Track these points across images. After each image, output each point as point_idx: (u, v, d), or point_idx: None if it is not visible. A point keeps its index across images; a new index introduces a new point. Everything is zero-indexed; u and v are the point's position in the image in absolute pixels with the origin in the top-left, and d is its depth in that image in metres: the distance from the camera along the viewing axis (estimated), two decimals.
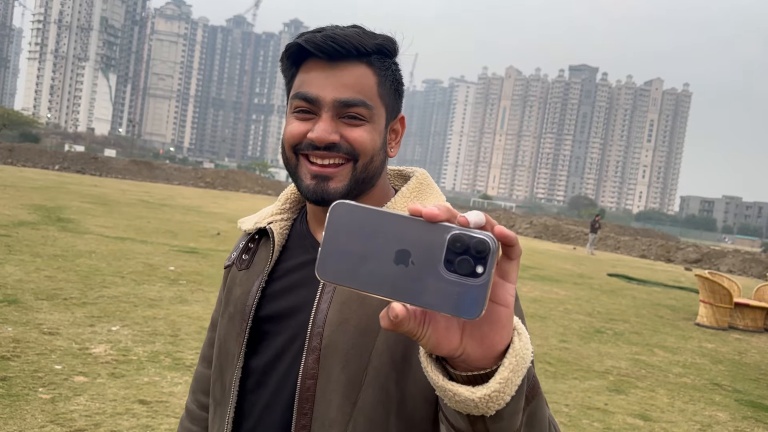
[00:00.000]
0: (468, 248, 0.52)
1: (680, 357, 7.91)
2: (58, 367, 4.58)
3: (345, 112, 0.96)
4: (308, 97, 0.96)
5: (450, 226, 0.53)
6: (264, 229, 1.11)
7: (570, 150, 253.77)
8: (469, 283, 0.52)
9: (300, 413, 0.96)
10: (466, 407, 0.62)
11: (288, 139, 0.99)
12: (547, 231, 40.42)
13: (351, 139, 0.96)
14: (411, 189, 1.07)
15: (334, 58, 0.95)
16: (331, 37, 0.93)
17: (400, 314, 0.54)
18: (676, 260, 30.97)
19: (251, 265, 1.10)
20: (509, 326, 0.60)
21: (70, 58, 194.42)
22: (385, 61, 1.00)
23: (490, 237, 0.52)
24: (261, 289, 1.05)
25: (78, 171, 43.36)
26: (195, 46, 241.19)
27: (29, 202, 16.33)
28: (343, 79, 0.95)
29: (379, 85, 0.98)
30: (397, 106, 1.04)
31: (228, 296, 1.12)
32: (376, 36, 0.98)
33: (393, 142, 1.06)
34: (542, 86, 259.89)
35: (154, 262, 9.76)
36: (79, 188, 25.58)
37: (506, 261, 0.57)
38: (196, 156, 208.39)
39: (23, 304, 6.13)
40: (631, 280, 17.74)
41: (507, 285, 0.58)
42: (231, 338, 1.08)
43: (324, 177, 0.97)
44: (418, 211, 0.54)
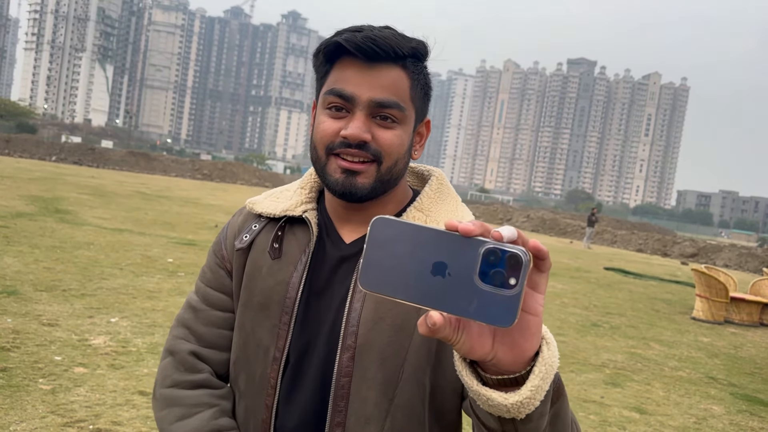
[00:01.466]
0: (502, 261, 0.56)
1: (676, 351, 7.96)
2: (58, 358, 4.60)
3: (379, 112, 0.98)
4: (344, 94, 0.97)
5: (484, 241, 0.57)
6: (293, 217, 1.10)
7: (568, 144, 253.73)
8: (502, 293, 0.56)
9: (335, 410, 0.98)
10: (499, 411, 0.67)
11: (321, 137, 1.00)
12: (544, 225, 40.48)
13: (381, 140, 0.98)
14: (434, 190, 1.10)
15: (371, 59, 0.96)
16: (371, 38, 0.94)
17: (438, 322, 0.58)
18: (673, 254, 31.05)
19: (282, 254, 1.07)
20: (538, 334, 0.64)
21: (66, 48, 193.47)
22: (418, 64, 1.02)
23: (522, 251, 0.56)
24: (303, 281, 1.04)
25: (75, 162, 43.25)
26: (192, 37, 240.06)
27: (27, 193, 16.30)
28: (380, 80, 0.97)
29: (411, 88, 1.00)
30: (425, 109, 1.07)
31: (250, 284, 1.09)
32: (410, 39, 1.00)
33: (417, 144, 1.08)
34: (540, 80, 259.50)
35: (153, 253, 9.77)
36: (77, 179, 25.53)
37: (537, 273, 0.61)
38: (194, 147, 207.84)
39: (22, 296, 6.14)
40: (627, 274, 17.80)
41: (537, 296, 0.61)
42: (264, 330, 1.06)
43: (353, 172, 0.99)
44: (454, 227, 0.57)
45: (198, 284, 1.18)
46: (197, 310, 1.15)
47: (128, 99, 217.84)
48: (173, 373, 1.12)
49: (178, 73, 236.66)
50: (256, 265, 1.09)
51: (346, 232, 1.08)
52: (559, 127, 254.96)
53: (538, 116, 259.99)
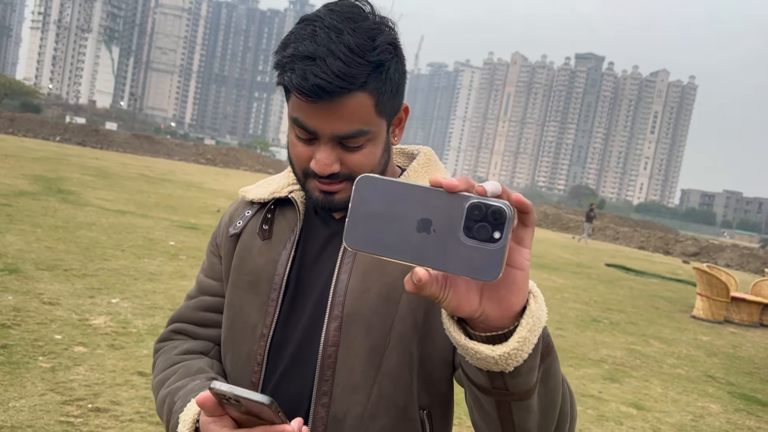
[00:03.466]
0: (486, 215, 0.56)
1: (675, 348, 7.96)
2: (58, 336, 4.61)
3: (344, 141, 0.95)
4: (306, 128, 0.94)
5: (468, 196, 0.57)
6: (281, 198, 1.11)
7: (573, 139, 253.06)
8: (487, 247, 0.56)
9: (321, 380, 0.99)
10: (487, 364, 0.67)
11: (296, 160, 1.00)
12: (546, 219, 40.44)
13: (351, 164, 0.96)
14: (421, 164, 1.11)
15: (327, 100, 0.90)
16: (320, 86, 0.87)
17: (423, 278, 0.59)
18: (675, 253, 31.03)
19: (271, 234, 1.09)
20: (525, 288, 0.64)
21: (73, 28, 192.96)
22: (383, 72, 0.93)
23: (506, 204, 0.56)
24: (291, 258, 1.06)
25: (79, 143, 43.27)
26: (199, 20, 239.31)
27: (30, 173, 16.31)
28: (339, 112, 0.91)
29: (377, 105, 0.94)
30: (397, 104, 1.01)
31: (241, 265, 1.10)
32: (372, 49, 0.90)
33: (396, 129, 1.06)
34: (548, 74, 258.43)
35: (155, 236, 9.77)
36: (80, 160, 25.54)
37: (521, 227, 0.61)
38: (197, 132, 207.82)
39: (24, 274, 6.15)
40: (629, 271, 17.80)
41: (522, 250, 0.62)
42: (252, 308, 1.06)
43: (330, 192, 0.99)
44: (438, 182, 0.57)
45: (197, 276, 1.23)
46: (191, 298, 1.20)
47: (133, 81, 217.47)
48: (155, 345, 1.20)
49: (184, 56, 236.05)
50: (246, 247, 1.10)
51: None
52: (565, 122, 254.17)
53: (544, 110, 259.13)
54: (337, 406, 0.99)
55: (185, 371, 1.07)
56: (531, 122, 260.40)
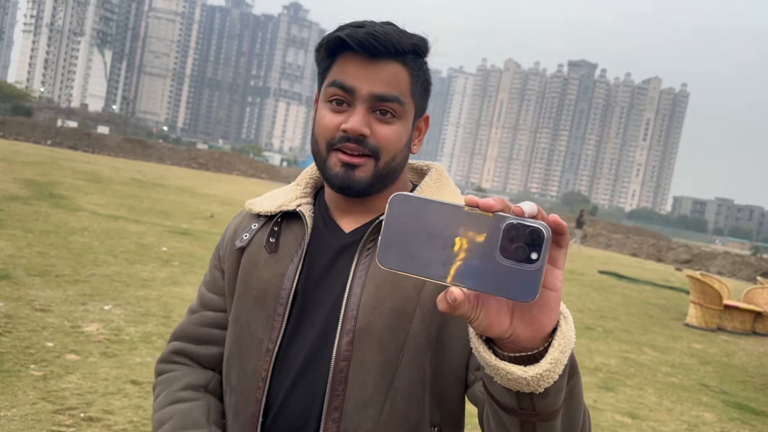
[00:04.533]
0: (523, 236, 0.56)
1: (669, 356, 7.97)
2: (50, 344, 4.56)
3: (379, 106, 0.99)
4: (345, 86, 0.98)
5: (505, 216, 0.57)
6: (288, 212, 1.11)
7: (565, 145, 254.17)
8: (524, 268, 0.56)
9: (332, 395, 0.98)
10: (518, 385, 0.66)
11: (322, 132, 1.01)
12: None
13: (379, 135, 0.99)
14: (433, 180, 1.12)
15: (372, 55, 0.98)
16: (373, 34, 0.96)
17: (458, 298, 0.58)
18: (667, 260, 31.14)
19: (278, 248, 1.08)
20: (557, 309, 0.64)
21: (65, 32, 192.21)
22: (418, 60, 1.03)
23: (544, 226, 0.56)
24: (299, 272, 1.05)
25: (71, 147, 43.04)
26: (193, 25, 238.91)
27: (21, 177, 16.20)
28: (380, 74, 0.98)
29: (411, 84, 1.02)
30: (424, 104, 1.08)
31: (247, 278, 1.09)
32: (411, 36, 1.01)
33: (416, 139, 1.10)
34: (540, 80, 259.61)
35: (147, 242, 9.71)
36: (72, 164, 25.41)
37: (556, 248, 0.61)
38: (190, 136, 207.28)
39: (15, 280, 6.09)
40: (622, 278, 17.84)
41: (556, 271, 0.62)
42: (258, 322, 1.06)
43: (352, 165, 1.00)
44: (474, 202, 0.57)
45: (199, 288, 1.22)
46: (193, 312, 1.20)
47: (126, 85, 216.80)
48: (156, 366, 1.19)
49: (177, 60, 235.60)
50: (252, 261, 1.09)
51: (345, 222, 1.09)
52: (558, 129, 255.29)
53: (537, 117, 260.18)
54: (348, 422, 0.97)
55: (181, 421, 1.06)
56: (524, 129, 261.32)
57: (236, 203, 20.71)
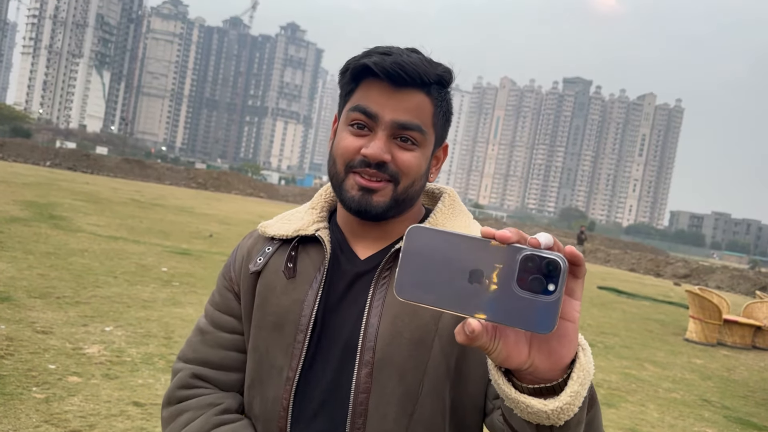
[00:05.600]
0: (540, 267, 0.56)
1: (670, 372, 7.97)
2: (52, 366, 4.56)
3: (400, 133, 0.99)
4: (368, 112, 0.99)
5: (521, 247, 0.57)
6: (305, 236, 1.10)
7: (562, 161, 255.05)
8: (541, 300, 0.56)
9: (353, 428, 0.97)
10: (538, 418, 0.67)
11: (342, 153, 1.01)
12: None
13: (400, 161, 1.00)
14: (447, 206, 1.11)
15: (398, 84, 0.98)
16: (400, 64, 0.96)
17: (476, 329, 0.58)
18: (666, 275, 31.15)
19: (296, 273, 1.07)
20: (575, 341, 0.64)
21: (64, 54, 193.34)
22: (442, 91, 1.04)
23: (560, 257, 0.56)
24: (318, 299, 1.04)
25: (70, 168, 43.10)
26: (190, 46, 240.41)
27: (21, 198, 16.22)
28: (404, 103, 0.99)
29: (434, 114, 1.03)
30: (444, 134, 1.10)
31: (264, 304, 1.07)
32: (437, 66, 1.02)
33: (434, 168, 1.10)
34: (536, 97, 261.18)
35: (147, 262, 9.72)
36: (71, 185, 25.44)
37: (572, 279, 0.61)
38: (188, 156, 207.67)
39: (16, 302, 6.09)
40: (621, 294, 17.83)
41: (573, 302, 0.62)
42: (277, 350, 1.04)
43: (370, 190, 1.00)
44: (490, 234, 0.58)
45: (207, 308, 1.18)
46: (204, 333, 1.15)
47: (124, 106, 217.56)
48: (175, 392, 1.11)
49: (175, 81, 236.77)
50: (269, 286, 1.08)
51: (360, 248, 1.08)
52: (554, 145, 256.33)
53: (533, 133, 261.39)
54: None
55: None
56: (520, 145, 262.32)
57: (235, 222, 20.73)
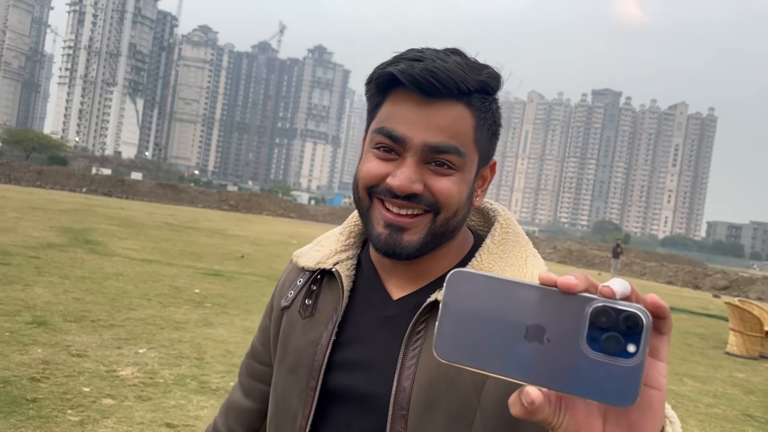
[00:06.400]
0: (616, 323, 0.46)
1: (710, 387, 7.74)
2: (87, 389, 4.63)
3: (433, 157, 0.84)
4: (394, 136, 0.83)
5: (591, 298, 0.47)
6: (327, 270, 0.98)
7: (594, 174, 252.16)
8: (619, 363, 0.45)
9: None
10: None
11: (364, 178, 0.87)
12: (571, 256, 40.04)
13: (436, 190, 0.84)
14: (497, 242, 0.93)
15: (430, 95, 0.82)
16: (431, 71, 0.80)
17: (537, 400, 0.47)
18: (704, 287, 30.41)
19: (315, 311, 0.96)
20: (661, 412, 0.51)
21: (98, 83, 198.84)
22: (487, 100, 0.86)
23: (641, 310, 0.45)
24: (332, 342, 0.93)
25: (105, 194, 44.09)
26: (221, 71, 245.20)
27: (58, 225, 16.62)
28: (437, 119, 0.82)
29: (476, 129, 0.85)
30: (491, 150, 0.92)
31: (285, 344, 0.99)
32: (480, 70, 0.85)
33: (480, 189, 0.94)
34: (565, 110, 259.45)
35: (180, 284, 9.85)
36: (107, 211, 25.99)
37: (656, 336, 0.49)
38: (220, 179, 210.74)
39: (52, 326, 6.22)
40: None
41: (658, 364, 0.49)
42: (293, 394, 0.95)
43: (398, 227, 0.85)
44: (552, 281, 0.47)
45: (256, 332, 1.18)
46: (247, 358, 1.16)
47: (157, 132, 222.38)
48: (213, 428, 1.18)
49: (207, 106, 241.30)
50: (291, 324, 0.99)
51: (393, 285, 0.94)
52: (585, 158, 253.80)
53: (563, 146, 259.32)
54: None
55: None
56: (550, 159, 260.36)
57: (266, 243, 20.92)
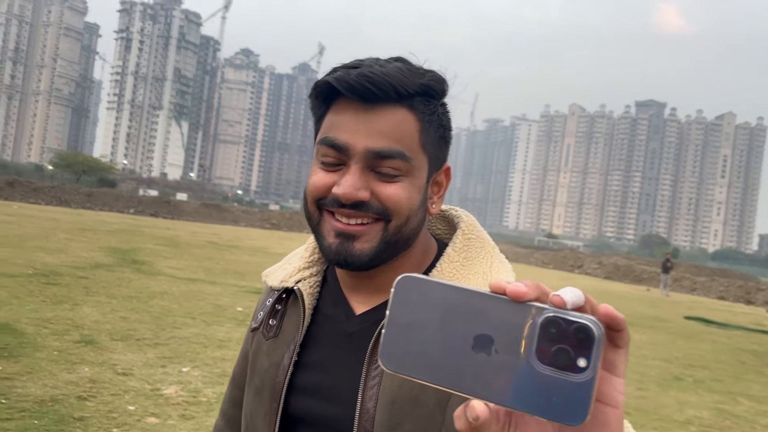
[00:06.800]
0: (566, 335, 0.43)
1: (767, 407, 7.40)
2: (132, 407, 4.69)
3: (378, 164, 0.82)
4: (336, 144, 0.83)
5: (542, 307, 0.44)
6: (291, 288, 0.96)
7: (639, 187, 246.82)
8: (569, 379, 0.42)
9: None
10: None
11: (311, 191, 0.86)
12: (617, 271, 39.12)
13: (383, 197, 0.83)
14: (458, 250, 0.91)
15: (369, 100, 0.81)
16: (367, 75, 0.79)
17: (482, 415, 0.44)
18: (757, 302, 29.30)
19: (279, 331, 0.95)
20: (619, 431, 0.47)
21: (145, 107, 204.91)
22: (431, 103, 0.85)
23: (593, 321, 0.42)
24: (294, 363, 0.91)
25: (151, 214, 45.16)
26: (262, 93, 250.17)
27: (106, 245, 17.06)
28: (379, 125, 0.82)
29: (421, 133, 0.84)
30: (442, 155, 0.90)
31: (253, 365, 0.98)
32: (422, 74, 0.84)
33: (435, 196, 0.92)
34: (608, 123, 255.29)
35: (223, 302, 9.96)
36: (153, 231, 26.58)
37: (612, 349, 0.45)
38: (263, 198, 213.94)
39: (99, 345, 6.34)
40: (710, 324, 16.86)
41: (615, 380, 0.46)
42: (259, 416, 0.93)
43: (349, 235, 0.84)
44: (501, 288, 0.44)
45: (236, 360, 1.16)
46: (229, 387, 1.13)
47: (202, 153, 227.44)
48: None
49: (249, 127, 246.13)
50: (259, 345, 0.97)
51: (356, 301, 0.92)
52: (630, 170, 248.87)
53: (607, 159, 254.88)
54: None
55: None
56: (593, 172, 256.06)
57: None
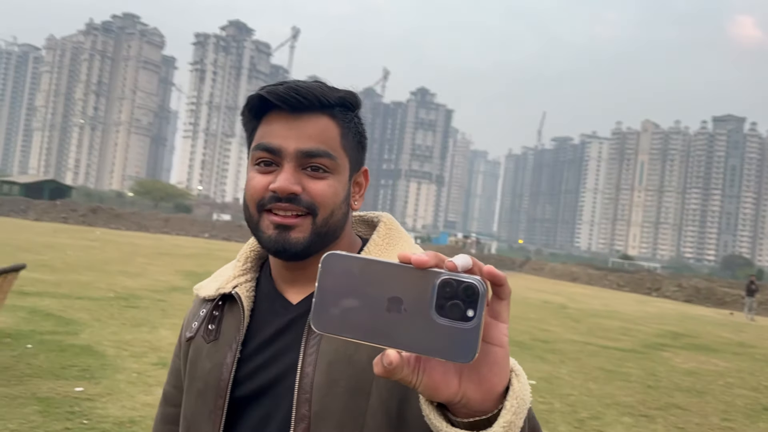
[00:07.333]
0: (457, 292, 0.54)
1: None
2: None
3: (308, 162, 0.94)
4: (270, 148, 0.94)
5: (439, 272, 0.55)
6: (228, 294, 1.04)
7: (719, 205, 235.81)
8: (460, 326, 0.53)
9: None
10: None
11: (251, 194, 0.96)
12: (698, 294, 37.31)
13: (313, 191, 0.94)
14: (381, 236, 1.05)
15: (296, 110, 0.94)
16: (294, 88, 0.93)
17: (394, 361, 0.55)
18: None
19: (219, 335, 1.01)
20: (506, 367, 0.61)
21: (218, 135, 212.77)
22: (348, 113, 0.99)
23: (478, 280, 0.54)
24: (237, 360, 0.98)
25: (225, 238, 46.59)
26: None
27: (182, 269, 17.64)
28: (306, 130, 0.94)
29: (342, 137, 0.98)
30: (360, 158, 1.04)
31: (192, 371, 1.03)
32: (338, 90, 0.98)
33: (357, 194, 1.05)
34: (683, 139, 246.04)
35: None
36: (226, 254, 27.32)
37: (497, 301, 0.58)
38: None
39: None
40: None
41: (500, 325, 0.59)
42: (202, 417, 0.99)
43: (285, 227, 0.94)
44: (407, 258, 0.55)
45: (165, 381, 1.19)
46: (160, 407, 1.16)
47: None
48: None
49: None
50: (197, 351, 1.04)
51: (292, 293, 1.01)
52: (708, 188, 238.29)
53: (683, 177, 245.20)
54: None
55: None
56: (670, 190, 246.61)
57: None
